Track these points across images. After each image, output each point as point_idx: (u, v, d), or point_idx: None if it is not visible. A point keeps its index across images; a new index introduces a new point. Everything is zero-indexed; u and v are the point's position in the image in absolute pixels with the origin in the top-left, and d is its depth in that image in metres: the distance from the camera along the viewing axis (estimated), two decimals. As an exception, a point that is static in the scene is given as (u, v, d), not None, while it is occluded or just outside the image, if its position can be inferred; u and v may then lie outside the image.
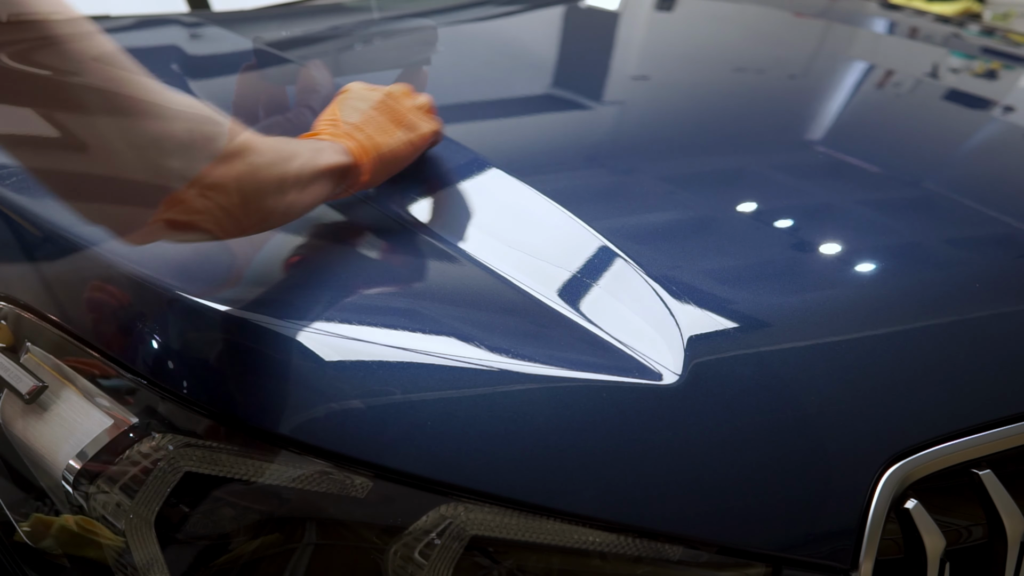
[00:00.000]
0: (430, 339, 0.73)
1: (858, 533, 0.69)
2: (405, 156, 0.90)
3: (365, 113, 0.87)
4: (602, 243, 0.85)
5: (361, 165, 0.83)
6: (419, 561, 0.67)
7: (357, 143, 0.83)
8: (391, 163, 0.88)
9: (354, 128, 0.85)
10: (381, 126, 0.87)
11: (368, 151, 0.84)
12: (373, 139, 0.85)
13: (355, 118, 0.86)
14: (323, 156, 0.78)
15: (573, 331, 0.76)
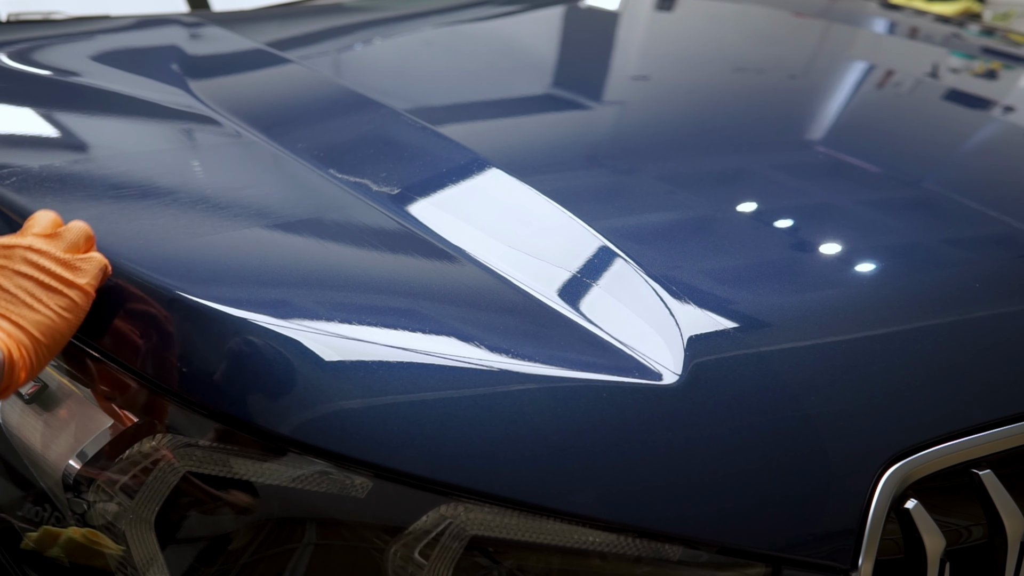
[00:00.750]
0: (430, 339, 0.73)
1: (858, 533, 0.69)
2: (67, 327, 0.70)
3: (6, 288, 0.68)
4: (602, 243, 0.85)
5: (15, 363, 0.66)
6: (419, 561, 0.67)
7: (6, 337, 0.66)
8: (52, 344, 0.69)
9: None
10: (29, 299, 0.69)
11: (22, 344, 0.67)
12: (23, 323, 0.68)
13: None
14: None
15: (573, 331, 0.76)
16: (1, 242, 0.71)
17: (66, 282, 0.70)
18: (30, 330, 0.68)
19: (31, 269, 0.69)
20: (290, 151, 1.00)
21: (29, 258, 0.70)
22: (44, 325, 0.68)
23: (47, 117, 1.10)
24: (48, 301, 0.69)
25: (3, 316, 0.67)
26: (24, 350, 0.67)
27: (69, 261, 0.71)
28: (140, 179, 0.93)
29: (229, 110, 1.09)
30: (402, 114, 1.12)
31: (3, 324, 0.67)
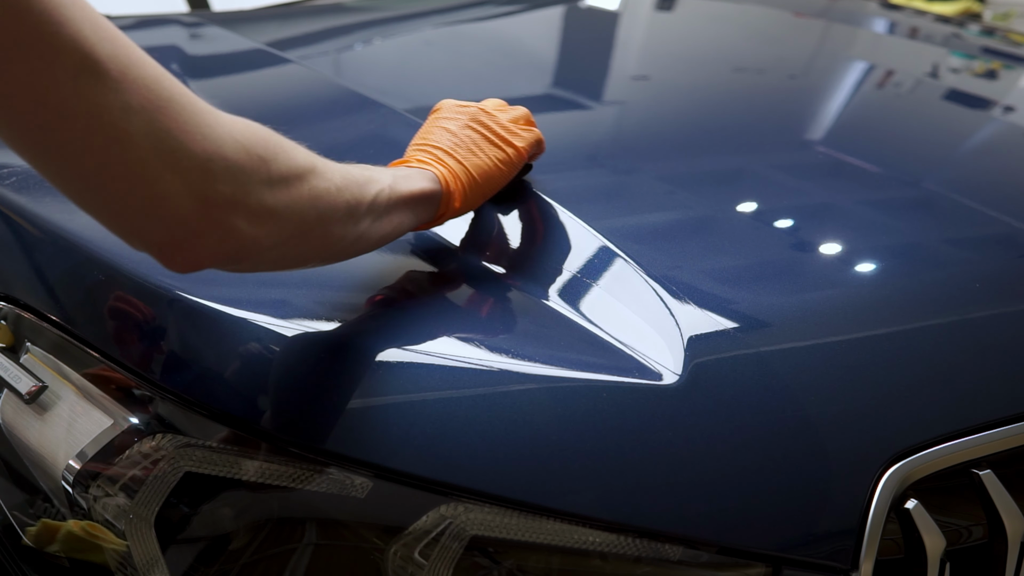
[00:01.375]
0: (430, 339, 0.73)
1: (858, 533, 0.69)
2: (500, 176, 0.85)
3: (456, 134, 0.82)
4: (602, 243, 0.85)
5: (452, 192, 0.78)
6: (419, 561, 0.67)
7: (447, 169, 0.79)
8: (485, 185, 0.83)
9: (444, 152, 0.80)
10: (473, 147, 0.83)
11: (459, 176, 0.79)
12: (464, 162, 0.81)
13: (446, 140, 0.82)
14: (406, 183, 0.73)
15: (573, 331, 0.76)
16: (461, 103, 0.87)
17: (505, 141, 0.85)
18: (470, 170, 0.81)
19: (479, 125, 0.84)
20: (290, 151, 1.00)
21: (479, 117, 0.85)
22: (481, 169, 0.82)
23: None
24: (488, 151, 0.83)
25: (451, 155, 0.81)
26: (460, 183, 0.79)
27: (510, 127, 0.86)
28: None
29: (229, 110, 1.09)
30: (402, 114, 1.12)
31: (449, 161, 0.80)
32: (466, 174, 0.80)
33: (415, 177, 0.75)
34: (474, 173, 0.81)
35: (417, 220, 0.76)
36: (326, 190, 0.62)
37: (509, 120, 0.87)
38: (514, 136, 0.86)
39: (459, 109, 0.85)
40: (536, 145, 0.90)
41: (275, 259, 0.63)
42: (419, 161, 0.79)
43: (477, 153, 0.82)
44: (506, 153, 0.84)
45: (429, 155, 0.80)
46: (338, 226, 0.65)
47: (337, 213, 0.64)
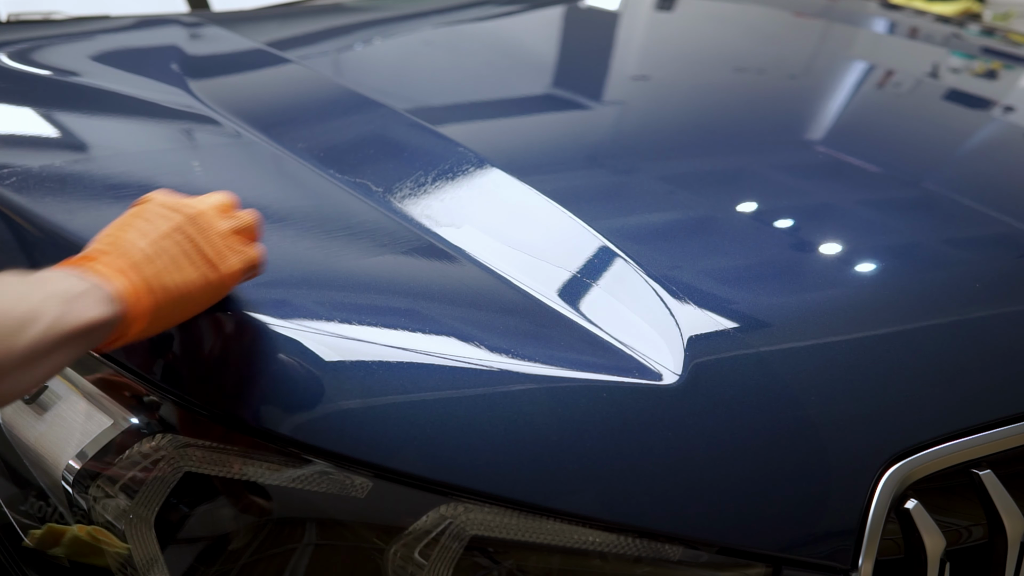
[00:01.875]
0: (430, 339, 0.73)
1: (858, 533, 0.69)
2: (200, 299, 0.70)
3: (155, 242, 0.68)
4: (602, 243, 0.85)
5: (132, 316, 0.64)
6: (419, 561, 0.67)
7: (131, 285, 0.64)
8: (177, 310, 0.69)
9: (132, 265, 0.66)
10: (170, 263, 0.68)
11: (142, 297, 0.65)
12: (154, 280, 0.66)
13: (139, 247, 0.67)
14: (77, 312, 0.60)
15: (573, 331, 0.76)
16: (173, 202, 0.71)
17: (211, 263, 0.70)
18: (159, 290, 0.66)
19: (185, 238, 0.69)
20: (290, 151, 1.00)
21: (187, 228, 0.70)
22: (178, 290, 0.68)
23: (47, 117, 1.10)
24: (189, 272, 0.69)
25: (140, 269, 0.66)
26: (143, 305, 0.65)
27: (224, 245, 0.71)
28: (140, 179, 0.93)
29: (229, 110, 1.09)
30: (402, 114, 1.12)
31: (134, 277, 0.66)
32: (152, 295, 0.66)
33: (89, 298, 0.62)
34: (163, 295, 0.67)
35: (86, 349, 0.64)
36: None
37: (229, 230, 0.72)
38: (226, 257, 0.71)
39: (167, 211, 0.71)
40: (252, 269, 0.74)
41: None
42: (102, 267, 0.65)
43: (174, 272, 0.68)
44: (208, 279, 0.69)
45: (115, 262, 0.66)
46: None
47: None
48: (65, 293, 0.60)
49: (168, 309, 0.67)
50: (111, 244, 0.67)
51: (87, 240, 0.79)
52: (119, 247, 0.67)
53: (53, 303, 0.59)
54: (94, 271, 0.64)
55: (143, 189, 0.90)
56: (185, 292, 0.68)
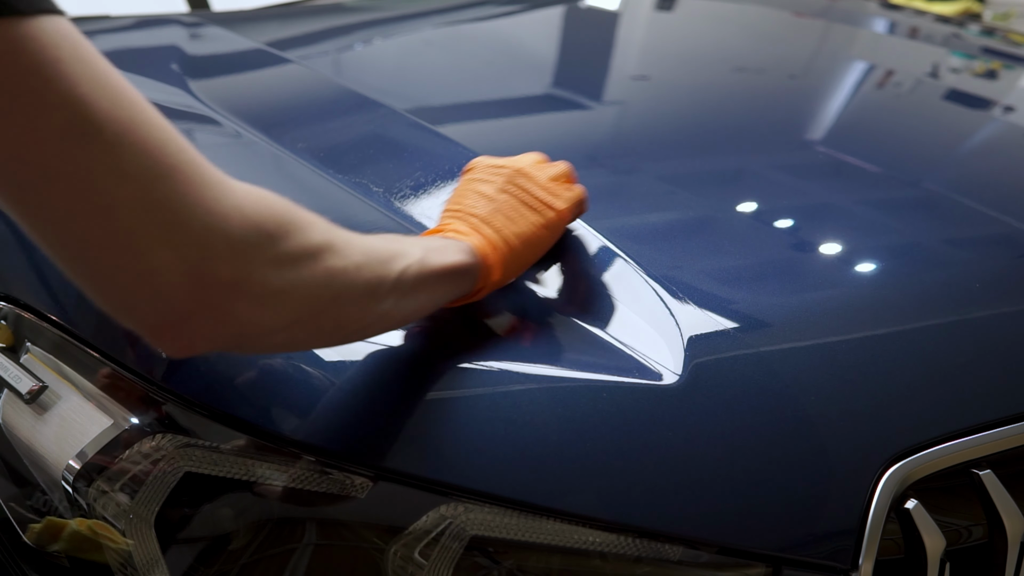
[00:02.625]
0: (430, 339, 0.73)
1: (858, 533, 0.69)
2: (542, 242, 0.79)
3: (492, 198, 0.77)
4: (602, 243, 0.85)
5: (490, 264, 0.72)
6: (419, 561, 0.67)
7: (484, 238, 0.73)
8: (526, 253, 0.77)
9: (480, 220, 0.75)
10: (511, 212, 0.76)
11: (497, 246, 0.73)
12: (503, 230, 0.75)
13: (482, 205, 0.76)
14: (439, 256, 0.66)
15: (573, 331, 0.76)
16: (496, 162, 0.81)
17: (546, 204, 0.79)
18: (509, 238, 0.75)
19: (517, 188, 0.78)
20: (290, 151, 1.00)
21: (516, 179, 0.78)
22: (522, 236, 0.76)
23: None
24: (529, 217, 0.77)
25: (488, 223, 0.75)
26: (499, 253, 0.73)
27: (551, 187, 0.80)
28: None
29: (229, 110, 1.09)
30: (402, 114, 1.12)
31: (487, 229, 0.74)
32: (505, 243, 0.74)
33: (449, 249, 0.69)
34: (514, 241, 0.75)
35: (452, 295, 0.71)
36: (343, 269, 0.57)
37: (549, 179, 0.81)
38: (555, 198, 0.80)
39: (494, 170, 0.80)
40: (579, 205, 0.83)
41: (283, 342, 0.58)
42: (454, 231, 0.74)
43: (516, 219, 0.76)
44: (547, 218, 0.78)
45: (464, 223, 0.75)
46: (356, 307, 0.60)
47: (355, 293, 0.59)
48: (430, 243, 0.68)
49: (520, 253, 0.76)
50: (457, 210, 0.76)
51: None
52: (465, 210, 0.76)
53: (419, 247, 0.65)
54: (452, 232, 0.73)
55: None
56: (530, 236, 0.77)
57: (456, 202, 0.77)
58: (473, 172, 0.81)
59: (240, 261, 0.51)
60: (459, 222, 0.75)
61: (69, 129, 0.46)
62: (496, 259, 0.73)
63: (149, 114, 0.51)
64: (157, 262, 0.48)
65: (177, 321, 0.50)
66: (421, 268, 0.64)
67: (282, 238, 0.53)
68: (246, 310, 0.52)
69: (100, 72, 0.49)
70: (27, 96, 0.45)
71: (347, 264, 0.57)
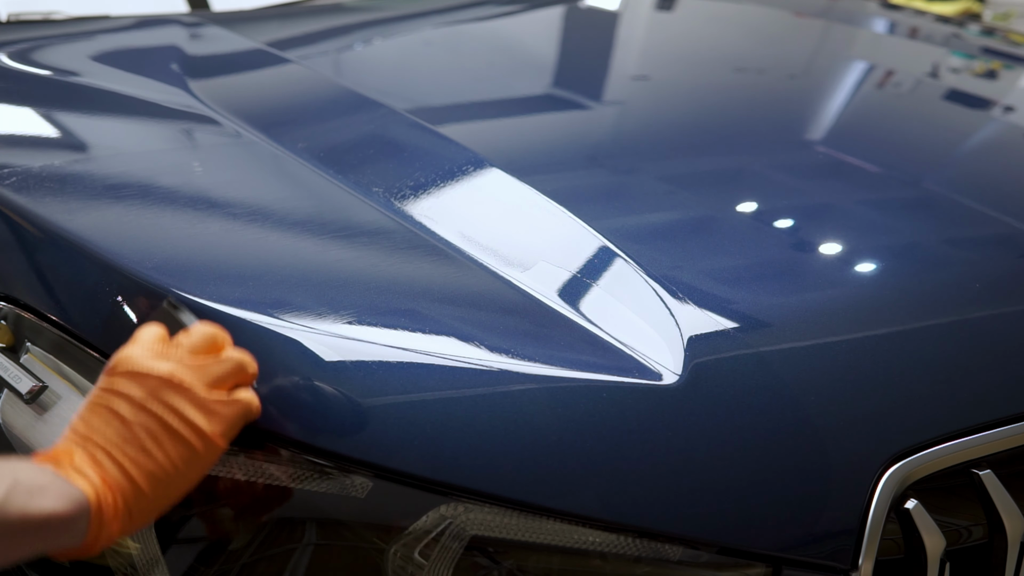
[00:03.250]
0: (430, 339, 0.73)
1: (858, 533, 0.69)
2: (182, 478, 0.62)
3: (126, 420, 0.60)
4: (602, 243, 0.85)
5: (106, 517, 0.58)
6: (419, 561, 0.67)
7: (103, 481, 0.58)
8: (160, 496, 0.61)
9: (105, 453, 0.59)
10: (148, 440, 0.60)
11: (120, 491, 0.58)
12: (131, 470, 0.59)
13: (110, 432, 0.60)
14: (27, 500, 0.54)
15: (573, 331, 0.76)
16: (143, 366, 0.62)
17: (195, 430, 0.61)
18: (138, 479, 0.59)
19: (160, 407, 0.61)
20: (290, 151, 1.00)
21: (161, 395, 0.61)
22: (156, 475, 0.60)
23: (47, 117, 1.10)
24: (169, 447, 0.60)
25: (111, 456, 0.59)
26: (122, 500, 0.59)
27: (208, 403, 0.62)
28: (140, 179, 0.93)
29: (229, 110, 1.09)
30: (402, 114, 1.12)
31: (110, 468, 0.59)
32: (132, 486, 0.59)
33: (48, 493, 0.55)
34: (144, 484, 0.59)
35: (44, 548, 0.57)
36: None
37: (208, 385, 0.63)
38: (208, 418, 0.62)
39: (138, 380, 0.62)
40: (241, 420, 0.65)
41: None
42: (69, 463, 0.59)
43: (152, 451, 0.60)
44: (193, 448, 0.61)
45: (85, 454, 0.59)
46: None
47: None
48: (20, 478, 0.55)
49: (152, 497, 0.60)
50: (80, 434, 0.61)
51: (88, 240, 0.79)
52: (89, 435, 0.60)
53: (2, 484, 0.53)
54: (64, 464, 0.58)
55: (143, 189, 0.90)
56: (168, 474, 0.60)
57: (84, 420, 0.61)
58: (112, 379, 0.63)
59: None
60: (80, 451, 0.59)
61: None
62: (116, 510, 0.58)
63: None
64: None
65: None
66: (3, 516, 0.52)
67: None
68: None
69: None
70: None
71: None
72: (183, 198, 0.89)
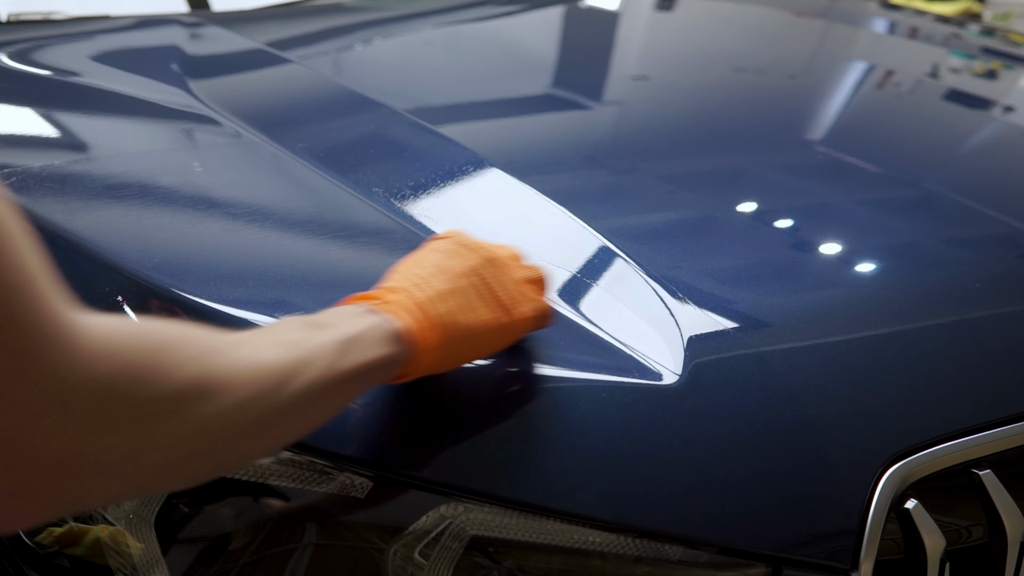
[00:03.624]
0: (430, 339, 0.73)
1: (858, 533, 0.69)
2: (491, 342, 0.68)
3: (453, 278, 0.66)
4: (602, 243, 0.85)
5: (420, 349, 0.62)
6: (419, 561, 0.67)
7: (424, 318, 0.62)
8: (465, 350, 0.67)
9: (428, 299, 0.64)
10: (467, 300, 0.66)
11: (432, 331, 0.63)
12: (448, 317, 0.64)
13: (437, 283, 0.65)
14: (356, 353, 0.57)
15: (573, 331, 0.76)
16: (470, 242, 0.70)
17: (506, 306, 0.68)
18: (452, 328, 0.64)
19: (480, 280, 0.67)
20: (290, 151, 1.00)
21: (484, 269, 0.68)
22: (468, 330, 0.65)
23: (47, 117, 1.10)
24: (482, 312, 0.66)
25: (436, 304, 0.64)
26: (436, 338, 0.63)
27: (518, 289, 0.69)
28: (140, 179, 0.93)
29: (229, 110, 1.09)
30: (402, 114, 1.12)
31: (432, 309, 0.63)
32: (445, 331, 0.64)
33: (372, 340, 0.59)
34: (455, 333, 0.65)
35: (368, 387, 0.63)
36: (221, 411, 0.48)
37: (520, 279, 0.71)
38: (519, 303, 0.69)
39: (466, 250, 0.69)
40: (541, 319, 0.72)
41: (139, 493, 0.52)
42: (391, 304, 0.62)
43: (468, 311, 0.66)
44: (501, 322, 0.68)
45: (408, 297, 0.63)
46: (235, 448, 0.51)
47: (233, 434, 0.50)
48: (344, 335, 0.57)
49: (458, 347, 0.66)
50: (404, 279, 0.65)
51: (87, 240, 0.79)
52: (412, 283, 0.65)
53: (332, 349, 0.56)
54: (382, 308, 0.62)
55: (143, 189, 0.90)
56: (477, 332, 0.66)
57: (409, 269, 0.67)
58: (442, 242, 0.71)
59: (73, 432, 0.42)
60: (403, 294, 0.64)
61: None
62: (427, 346, 0.63)
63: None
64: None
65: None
66: (328, 376, 0.55)
67: (135, 391, 0.44)
68: (80, 489, 0.44)
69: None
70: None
71: (225, 406, 0.48)
72: (183, 198, 0.89)
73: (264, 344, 0.53)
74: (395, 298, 0.63)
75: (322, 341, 0.56)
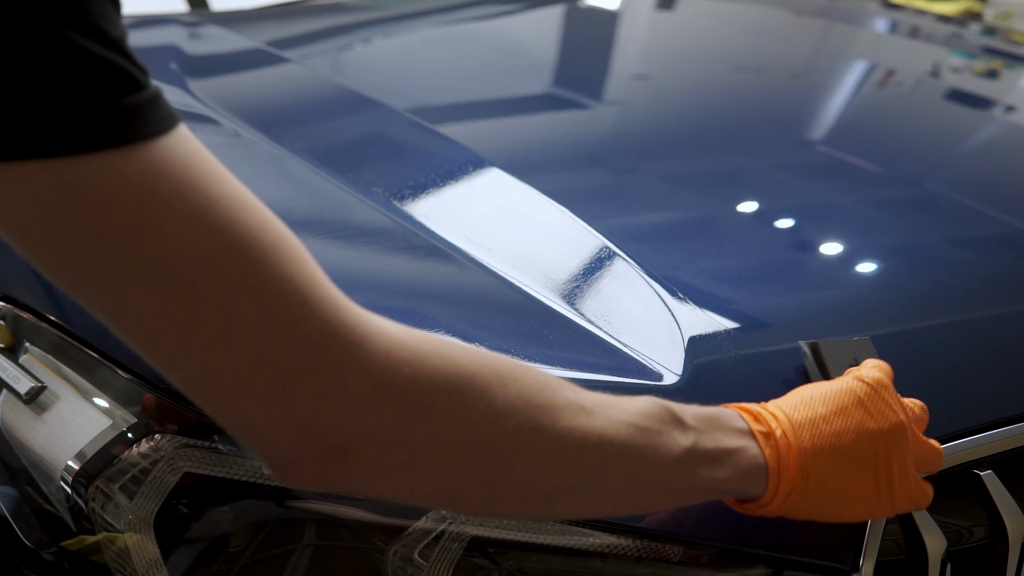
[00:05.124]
0: (430, 339, 0.73)
1: (859, 533, 0.69)
2: (848, 518, 0.62)
3: (854, 437, 0.59)
4: (602, 243, 0.85)
5: (775, 493, 0.58)
6: (419, 562, 0.66)
7: (792, 465, 0.57)
8: (820, 513, 0.61)
9: (812, 448, 0.58)
10: (856, 468, 0.59)
11: (804, 480, 0.57)
12: (825, 476, 0.58)
13: (833, 431, 0.59)
14: (702, 472, 0.55)
15: (573, 331, 0.76)
16: (897, 402, 0.63)
17: (891, 490, 0.61)
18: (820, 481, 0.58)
19: (879, 451, 0.60)
20: (290, 151, 1.00)
21: (890, 444, 0.61)
22: (835, 490, 0.59)
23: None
24: (860, 484, 0.60)
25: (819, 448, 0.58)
26: (795, 494, 0.58)
27: (911, 473, 0.63)
28: (140, 179, 0.93)
29: (228, 110, 1.09)
30: (402, 114, 1.12)
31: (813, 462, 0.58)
32: (811, 490, 0.58)
33: (730, 464, 0.56)
34: (823, 497, 0.59)
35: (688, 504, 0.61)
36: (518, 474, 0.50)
37: (919, 459, 0.64)
38: (909, 492, 0.62)
39: (883, 407, 0.61)
40: (912, 508, 0.65)
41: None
42: (767, 437, 0.58)
43: (847, 481, 0.59)
44: (880, 507, 0.62)
45: (788, 439, 0.58)
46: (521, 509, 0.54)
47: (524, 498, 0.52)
48: (703, 448, 0.55)
49: (811, 508, 0.60)
50: (800, 409, 0.60)
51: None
52: (807, 419, 0.59)
53: (675, 455, 0.54)
54: (760, 438, 0.58)
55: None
56: (842, 503, 0.60)
57: (811, 400, 0.61)
58: (862, 387, 0.62)
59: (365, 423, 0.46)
60: (790, 430, 0.58)
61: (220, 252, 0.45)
62: (784, 496, 0.58)
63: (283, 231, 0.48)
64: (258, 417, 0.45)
65: (291, 472, 0.47)
66: (658, 481, 0.54)
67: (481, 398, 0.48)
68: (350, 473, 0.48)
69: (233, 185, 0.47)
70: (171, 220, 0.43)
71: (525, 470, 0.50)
72: (183, 198, 0.89)
73: (612, 420, 0.52)
74: (779, 432, 0.58)
75: (676, 443, 0.54)
